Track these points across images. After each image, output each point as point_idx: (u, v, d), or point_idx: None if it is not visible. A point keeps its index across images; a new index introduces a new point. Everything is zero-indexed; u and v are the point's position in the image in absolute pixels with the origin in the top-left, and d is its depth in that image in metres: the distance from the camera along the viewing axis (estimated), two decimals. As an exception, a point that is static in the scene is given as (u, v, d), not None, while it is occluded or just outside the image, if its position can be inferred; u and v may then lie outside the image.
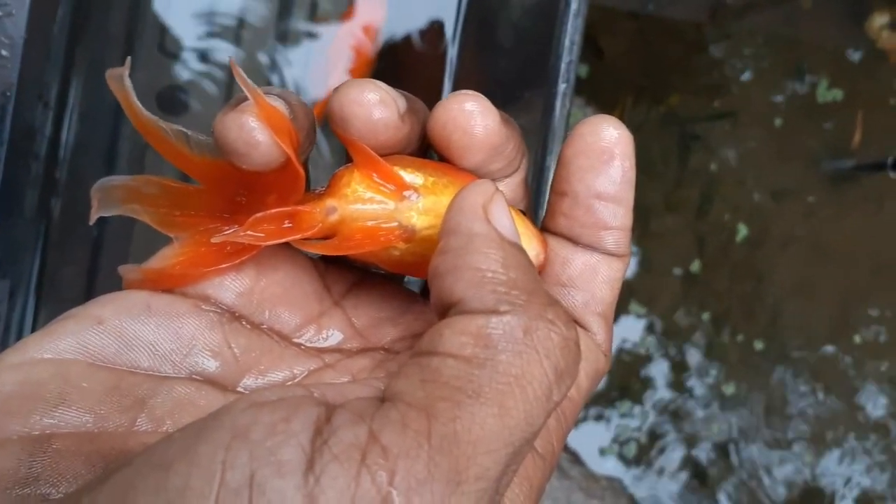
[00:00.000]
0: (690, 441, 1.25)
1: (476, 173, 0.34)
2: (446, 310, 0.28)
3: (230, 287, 0.33)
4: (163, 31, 0.64)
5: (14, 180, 0.47)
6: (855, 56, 1.28)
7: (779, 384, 1.27)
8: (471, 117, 0.32)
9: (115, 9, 0.60)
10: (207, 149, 0.32)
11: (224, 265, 0.33)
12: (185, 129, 0.31)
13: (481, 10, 0.69)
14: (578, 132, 0.33)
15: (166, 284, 0.32)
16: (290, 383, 0.32)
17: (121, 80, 0.31)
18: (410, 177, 0.33)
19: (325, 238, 0.33)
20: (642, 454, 1.25)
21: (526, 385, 0.26)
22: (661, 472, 1.25)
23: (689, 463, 1.25)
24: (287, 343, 0.34)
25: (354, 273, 0.37)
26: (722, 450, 1.25)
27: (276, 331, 0.34)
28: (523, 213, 0.35)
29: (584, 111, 1.21)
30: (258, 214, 0.32)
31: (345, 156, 0.36)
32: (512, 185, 0.35)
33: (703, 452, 1.25)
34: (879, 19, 1.27)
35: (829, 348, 1.28)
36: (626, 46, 1.24)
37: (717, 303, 1.26)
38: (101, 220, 0.34)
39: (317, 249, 0.32)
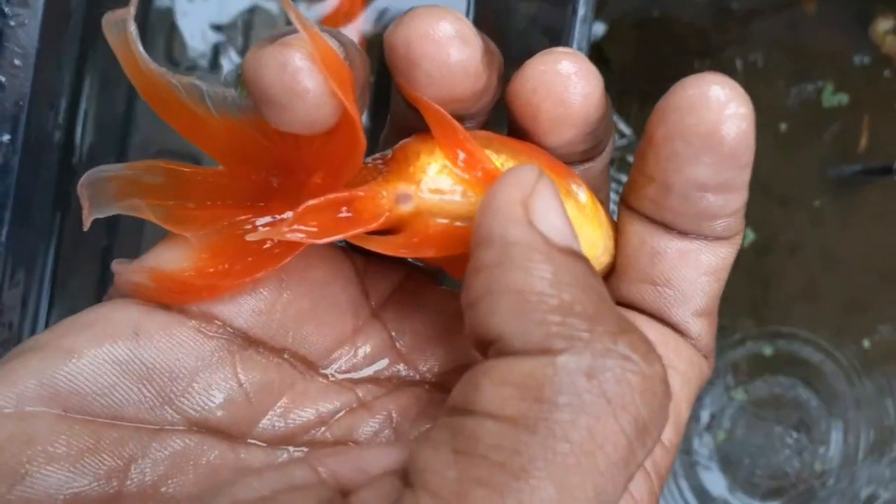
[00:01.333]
0: (699, 448, 1.25)
1: (555, 154, 0.27)
2: (486, 348, 0.21)
3: (245, 304, 0.26)
4: (171, 40, 0.64)
5: (27, 189, 0.47)
6: (860, 61, 1.29)
7: (790, 389, 1.27)
8: (569, 82, 0.24)
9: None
10: (230, 105, 0.24)
11: (260, 273, 0.25)
12: (198, 82, 0.24)
13: (488, 20, 0.69)
14: (674, 105, 0.24)
15: (183, 298, 0.25)
16: (295, 453, 0.25)
17: (122, 28, 0.23)
18: (499, 161, 0.25)
19: (387, 231, 0.26)
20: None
21: (596, 451, 0.19)
22: (668, 479, 1.24)
23: (697, 470, 1.25)
24: (313, 373, 0.27)
25: (399, 270, 0.29)
26: (731, 457, 1.25)
27: (301, 356, 0.27)
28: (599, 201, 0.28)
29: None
30: (311, 202, 0.24)
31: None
32: (594, 171, 0.28)
33: (711, 460, 1.25)
34: (884, 24, 1.27)
35: (839, 353, 1.27)
36: (632, 54, 1.25)
37: (726, 309, 1.26)
38: (111, 224, 0.28)
39: (381, 248, 0.25)
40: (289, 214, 0.24)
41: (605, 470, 0.19)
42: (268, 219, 0.25)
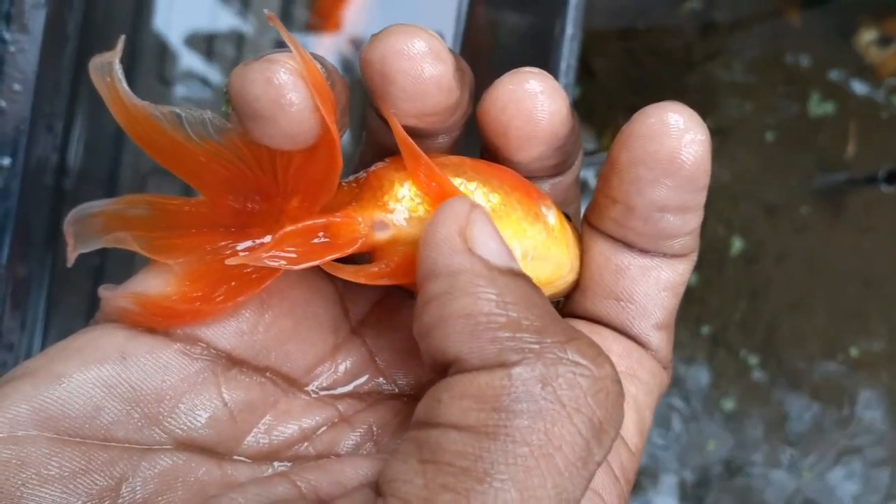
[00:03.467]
0: (690, 456, 1.26)
1: (526, 170, 0.28)
2: (443, 372, 0.22)
3: (228, 325, 0.26)
4: (162, 60, 0.65)
5: (27, 211, 0.47)
6: (844, 71, 1.30)
7: (777, 399, 1.27)
8: (536, 101, 0.25)
9: (119, 31, 0.61)
10: (209, 128, 0.25)
11: (241, 297, 0.26)
12: (178, 110, 0.25)
13: (475, 38, 0.70)
14: (636, 132, 0.26)
15: (168, 322, 0.26)
16: (279, 468, 0.26)
17: (108, 69, 0.24)
18: (475, 195, 0.26)
19: (359, 258, 0.26)
20: (641, 469, 1.25)
21: (554, 452, 0.20)
22: (659, 488, 1.25)
23: (688, 480, 1.25)
24: (296, 390, 0.28)
25: (378, 287, 0.30)
26: (721, 465, 1.26)
27: (284, 374, 0.28)
28: (567, 216, 0.29)
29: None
30: (288, 228, 0.25)
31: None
32: (563, 186, 0.29)
33: (701, 469, 1.26)
34: (867, 35, 1.28)
35: (826, 362, 1.28)
36: (617, 66, 1.26)
37: (714, 319, 1.27)
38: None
39: (356, 278, 0.26)
40: (268, 238, 0.25)
41: (564, 470, 0.20)
42: (248, 243, 0.26)
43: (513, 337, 0.21)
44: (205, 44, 0.67)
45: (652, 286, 0.28)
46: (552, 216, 0.28)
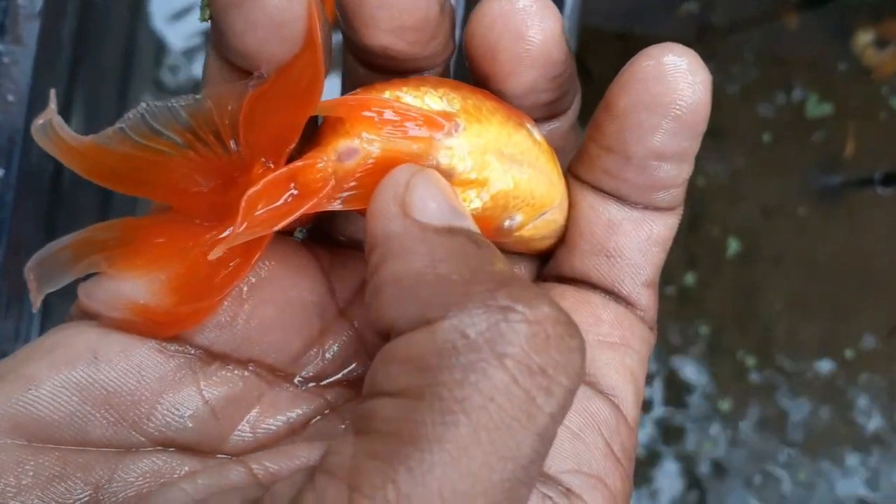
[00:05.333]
0: (687, 457, 1.26)
1: (519, 105, 0.26)
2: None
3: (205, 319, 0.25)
4: (157, 67, 0.65)
5: (20, 221, 0.47)
6: (842, 72, 1.30)
7: (774, 399, 1.28)
8: (526, 17, 0.23)
9: (111, 49, 0.61)
10: (175, 115, 0.23)
11: (238, 280, 0.24)
12: (133, 112, 0.23)
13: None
14: (639, 74, 0.24)
15: (172, 329, 0.25)
16: (242, 463, 0.23)
17: (50, 127, 0.23)
18: (443, 101, 0.24)
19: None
20: (639, 470, 1.25)
21: (486, 404, 0.18)
22: (657, 488, 1.25)
23: (686, 479, 1.25)
24: (281, 381, 0.26)
25: (364, 263, 0.26)
26: (718, 466, 1.26)
27: (268, 366, 0.26)
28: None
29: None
30: (250, 191, 0.23)
31: None
32: (561, 131, 0.28)
33: (699, 468, 1.26)
34: (864, 37, 1.28)
35: (822, 362, 1.28)
36: (615, 68, 1.25)
37: (711, 319, 1.27)
38: None
39: (345, 207, 0.24)
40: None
41: (501, 423, 0.18)
42: (228, 231, 0.24)
43: (438, 293, 0.20)
44: (200, 52, 0.67)
45: (643, 241, 0.26)
46: (537, 133, 0.26)
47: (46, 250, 0.25)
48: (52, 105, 0.23)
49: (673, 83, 0.24)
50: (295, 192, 0.23)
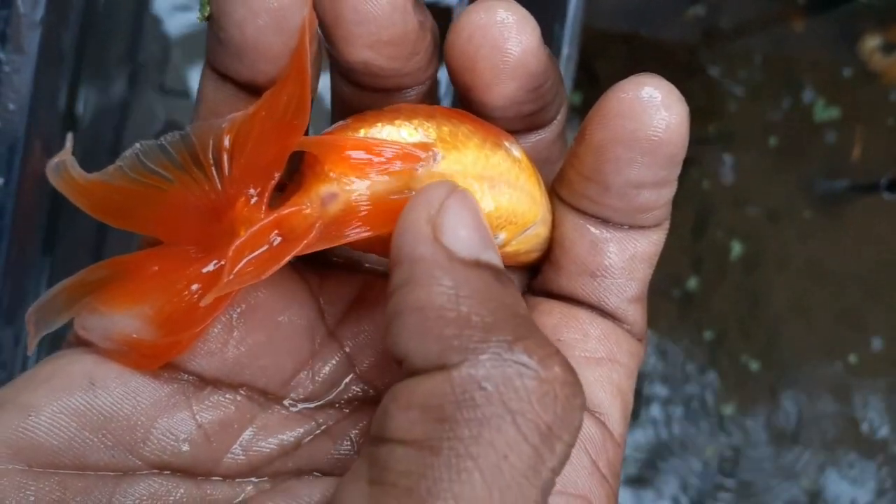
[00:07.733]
0: (690, 461, 1.26)
1: (502, 118, 0.26)
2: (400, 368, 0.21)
3: (196, 347, 0.26)
4: (161, 74, 0.65)
5: (21, 230, 0.47)
6: (849, 76, 1.30)
7: (778, 404, 1.27)
8: (504, 29, 0.23)
9: (113, 57, 0.61)
10: (166, 153, 0.24)
11: (219, 311, 0.25)
12: (129, 150, 0.24)
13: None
14: (614, 110, 0.24)
15: (158, 362, 0.25)
16: (260, 484, 0.25)
17: (64, 168, 0.24)
18: (418, 132, 0.24)
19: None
20: (642, 474, 1.25)
21: (500, 462, 0.19)
22: (660, 492, 1.25)
23: (689, 483, 1.25)
24: (273, 404, 0.27)
25: (355, 281, 0.28)
26: (722, 470, 1.26)
27: (260, 389, 0.27)
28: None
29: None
30: (236, 243, 0.23)
31: None
32: (546, 142, 0.28)
33: (702, 473, 1.26)
34: (871, 42, 1.28)
35: (827, 367, 1.28)
36: (621, 70, 1.25)
37: (715, 324, 1.27)
38: (96, 259, 0.27)
39: (336, 244, 0.24)
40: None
41: (512, 482, 0.19)
42: (212, 265, 0.25)
43: (458, 335, 0.20)
44: (203, 58, 0.67)
45: (628, 260, 0.27)
46: (516, 150, 0.26)
47: (45, 297, 0.25)
48: (69, 146, 0.24)
49: (647, 119, 0.24)
50: (280, 239, 0.24)
